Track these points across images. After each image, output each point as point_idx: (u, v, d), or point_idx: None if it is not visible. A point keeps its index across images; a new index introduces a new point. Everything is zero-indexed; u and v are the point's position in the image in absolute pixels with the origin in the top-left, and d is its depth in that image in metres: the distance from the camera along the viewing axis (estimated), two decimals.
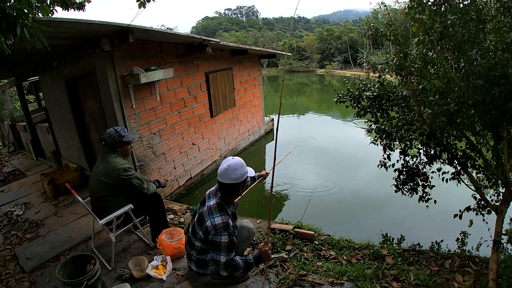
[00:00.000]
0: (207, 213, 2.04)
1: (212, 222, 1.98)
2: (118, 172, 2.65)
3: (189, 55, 5.22)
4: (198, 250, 2.16)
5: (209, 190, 2.22)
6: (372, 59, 26.88)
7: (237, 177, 1.99)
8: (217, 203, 2.05)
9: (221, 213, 2.01)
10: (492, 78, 1.89)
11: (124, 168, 2.68)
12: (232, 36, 58.11)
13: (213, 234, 1.98)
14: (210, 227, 1.98)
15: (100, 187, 2.71)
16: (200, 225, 2.08)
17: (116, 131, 2.78)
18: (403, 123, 2.87)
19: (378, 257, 2.78)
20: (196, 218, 2.15)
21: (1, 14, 1.66)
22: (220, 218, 1.99)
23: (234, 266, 2.03)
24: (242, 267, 2.06)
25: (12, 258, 3.13)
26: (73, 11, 4.98)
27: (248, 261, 2.09)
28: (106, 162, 2.72)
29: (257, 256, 2.11)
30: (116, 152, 2.80)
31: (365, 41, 38.62)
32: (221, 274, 2.03)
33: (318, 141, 5.60)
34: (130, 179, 2.71)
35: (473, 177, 2.67)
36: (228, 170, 1.98)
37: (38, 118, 7.19)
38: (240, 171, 2.00)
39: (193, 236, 2.18)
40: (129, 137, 2.84)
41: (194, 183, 5.85)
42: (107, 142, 2.78)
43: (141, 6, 2.83)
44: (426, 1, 2.07)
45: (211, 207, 2.05)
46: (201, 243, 2.13)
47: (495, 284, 2.10)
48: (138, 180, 2.75)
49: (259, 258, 2.11)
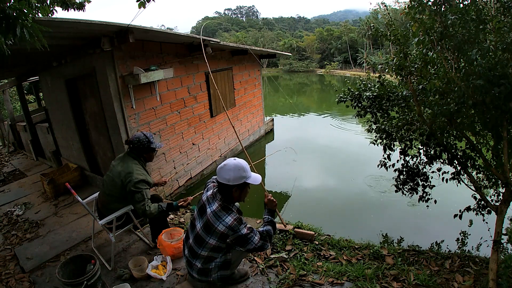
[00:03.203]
0: (214, 219, 1.97)
1: (225, 225, 1.94)
2: (131, 179, 2.53)
3: (189, 55, 5.22)
4: (204, 259, 2.07)
5: (206, 195, 2.12)
6: (372, 59, 26.86)
7: (229, 178, 1.92)
8: (220, 205, 1.99)
9: (228, 212, 1.97)
10: (492, 78, 1.89)
11: (137, 180, 2.54)
12: (232, 36, 58.09)
13: (232, 233, 1.95)
14: (226, 230, 1.94)
15: (114, 186, 2.64)
16: (209, 233, 2.00)
17: (145, 136, 2.69)
18: (403, 123, 2.87)
19: (378, 257, 2.78)
20: (200, 226, 2.05)
21: (1, 14, 1.67)
22: (230, 218, 1.95)
23: (268, 236, 2.05)
24: (272, 229, 2.09)
25: (12, 258, 3.13)
26: (73, 11, 4.98)
27: (269, 221, 2.12)
28: (126, 165, 2.62)
29: (268, 211, 2.16)
30: (139, 158, 2.72)
31: (365, 41, 38.63)
32: (268, 247, 2.07)
33: (297, 153, 5.85)
34: (136, 192, 2.54)
35: (473, 177, 2.67)
36: (223, 170, 1.95)
37: (38, 118, 7.19)
38: (234, 174, 1.92)
39: (198, 245, 2.07)
40: (157, 144, 2.77)
41: (194, 183, 5.85)
42: (134, 145, 2.69)
43: (141, 6, 2.83)
44: (426, 1, 2.07)
45: (215, 211, 1.98)
46: (209, 251, 2.04)
47: (495, 284, 2.10)
48: (141, 197, 2.56)
49: (271, 211, 2.17)
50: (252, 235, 1.98)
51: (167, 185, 5.07)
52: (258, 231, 2.04)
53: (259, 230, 2.06)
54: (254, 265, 2.65)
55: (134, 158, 2.70)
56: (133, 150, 2.72)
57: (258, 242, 1.99)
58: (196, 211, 2.16)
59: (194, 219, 2.16)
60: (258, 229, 2.07)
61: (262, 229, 2.07)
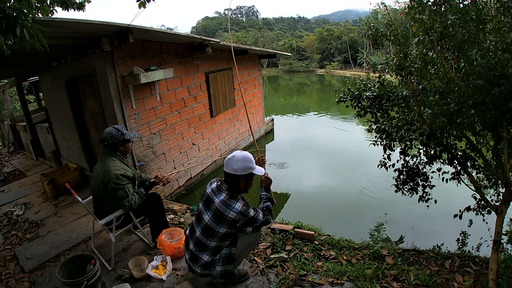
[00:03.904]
0: (224, 207, 2.04)
1: (235, 211, 2.04)
2: (110, 176, 2.53)
3: (189, 55, 5.22)
4: (212, 250, 2.12)
5: (211, 188, 2.18)
6: (372, 59, 26.86)
7: (237, 168, 2.03)
8: (227, 194, 2.08)
9: (236, 200, 2.08)
10: (492, 78, 1.89)
11: (116, 175, 2.53)
12: (232, 36, 58.05)
13: (243, 217, 2.08)
14: (237, 216, 2.04)
15: (99, 189, 2.66)
16: (220, 222, 2.06)
17: (117, 129, 2.70)
18: (403, 123, 2.87)
19: (378, 257, 2.78)
20: (209, 217, 2.10)
21: (1, 14, 1.66)
22: (239, 204, 2.06)
23: (268, 211, 2.25)
24: (270, 204, 2.30)
25: (12, 258, 3.13)
26: (73, 11, 4.97)
27: (267, 198, 2.33)
28: (103, 164, 2.64)
29: (265, 188, 2.37)
30: (116, 154, 2.72)
31: (365, 41, 38.61)
32: (270, 220, 2.25)
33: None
34: (118, 189, 2.53)
35: (473, 177, 2.66)
36: (232, 160, 2.07)
37: (38, 118, 7.19)
38: (242, 164, 2.04)
39: (207, 236, 2.11)
40: (130, 135, 2.78)
41: (194, 183, 5.85)
42: (108, 142, 2.68)
43: (141, 6, 2.83)
44: (426, 1, 2.06)
45: (224, 201, 2.06)
46: (218, 241, 2.10)
47: (495, 284, 2.10)
48: (123, 193, 2.55)
49: (267, 189, 2.38)
50: (257, 214, 2.15)
51: (167, 185, 5.07)
52: (260, 209, 2.23)
53: (260, 207, 2.26)
54: (254, 265, 2.66)
55: (111, 155, 2.69)
56: (108, 147, 2.72)
57: (263, 218, 2.18)
58: (201, 205, 2.21)
59: (199, 213, 2.21)
60: (259, 207, 2.27)
61: (262, 206, 2.27)
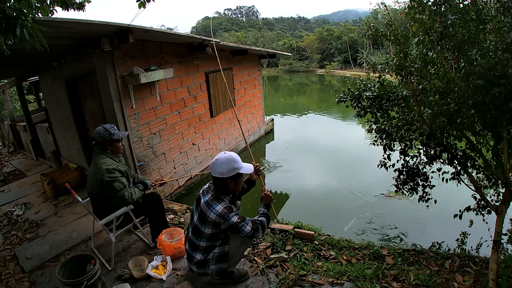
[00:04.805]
0: (206, 208, 2.06)
1: (215, 212, 2.02)
2: (101, 172, 2.53)
3: (189, 55, 5.22)
4: (203, 250, 2.16)
5: (202, 189, 2.23)
6: (372, 59, 26.85)
7: (222, 171, 2.01)
8: (212, 195, 2.09)
9: (219, 202, 2.06)
10: (492, 78, 1.89)
11: (107, 169, 2.53)
12: (232, 36, 58.11)
13: (224, 221, 2.02)
14: (217, 218, 2.02)
15: (93, 189, 2.66)
16: (204, 222, 2.09)
17: (105, 128, 2.67)
18: (403, 123, 2.87)
19: (378, 257, 2.78)
20: (196, 217, 2.15)
21: (1, 14, 1.66)
22: (220, 206, 2.04)
23: (260, 225, 2.13)
24: (266, 221, 2.18)
25: (12, 258, 3.13)
26: (73, 11, 4.96)
27: (263, 214, 2.23)
28: (94, 164, 2.64)
29: (264, 204, 2.28)
30: (106, 152, 2.70)
31: (365, 41, 38.63)
32: (259, 236, 2.16)
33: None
34: (113, 181, 2.52)
35: (473, 177, 2.66)
36: (215, 164, 2.03)
37: (38, 118, 7.19)
38: (227, 166, 2.00)
39: (196, 237, 2.16)
40: (119, 134, 2.74)
41: (194, 183, 5.85)
42: (97, 141, 2.67)
43: (141, 6, 2.83)
44: (426, 1, 2.06)
45: (208, 201, 2.07)
46: (207, 241, 2.12)
47: (495, 284, 2.10)
48: (120, 184, 2.55)
49: (266, 205, 2.29)
50: (243, 224, 2.06)
51: (167, 185, 5.07)
52: (251, 221, 2.11)
53: (253, 219, 2.14)
54: (254, 265, 2.65)
55: (101, 153, 2.69)
56: (98, 146, 2.72)
57: (250, 231, 2.07)
58: (193, 206, 2.26)
59: (192, 213, 2.26)
60: (253, 219, 2.15)
61: (255, 219, 2.17)
